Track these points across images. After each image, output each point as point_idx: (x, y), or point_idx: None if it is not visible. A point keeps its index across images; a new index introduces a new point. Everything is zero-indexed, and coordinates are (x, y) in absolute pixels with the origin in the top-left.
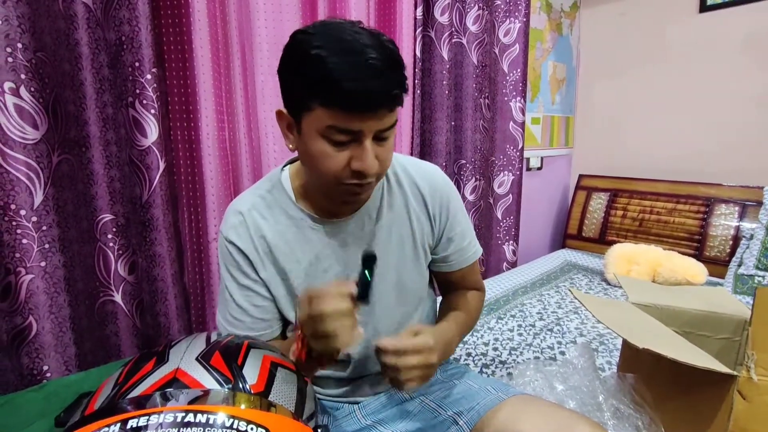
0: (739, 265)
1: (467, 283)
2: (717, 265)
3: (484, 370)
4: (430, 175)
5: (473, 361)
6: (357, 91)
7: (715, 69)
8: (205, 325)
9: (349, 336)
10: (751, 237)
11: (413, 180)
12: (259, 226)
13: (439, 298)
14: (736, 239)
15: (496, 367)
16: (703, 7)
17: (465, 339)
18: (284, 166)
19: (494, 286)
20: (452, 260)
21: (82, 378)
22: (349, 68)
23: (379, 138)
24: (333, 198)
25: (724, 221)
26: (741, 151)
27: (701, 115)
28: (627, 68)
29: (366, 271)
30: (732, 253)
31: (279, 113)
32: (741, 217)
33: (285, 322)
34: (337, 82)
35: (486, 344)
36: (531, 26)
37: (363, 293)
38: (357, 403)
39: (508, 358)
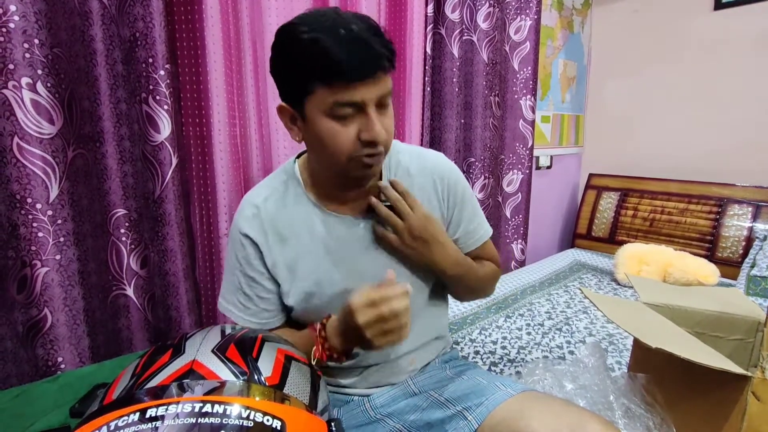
0: (752, 267)
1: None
2: (729, 266)
3: (493, 368)
4: (436, 161)
5: (481, 359)
6: (352, 60)
7: (728, 67)
8: (216, 320)
9: (408, 328)
10: (765, 238)
11: (421, 166)
12: (273, 217)
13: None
14: (749, 240)
15: (505, 366)
16: (718, 5)
17: (473, 337)
18: (296, 157)
19: (502, 285)
20: (463, 242)
21: (95, 370)
22: (339, 42)
23: (381, 105)
24: (345, 176)
25: (737, 222)
26: (755, 151)
27: (714, 115)
28: (639, 66)
29: None
30: (745, 255)
31: (280, 108)
32: (754, 218)
33: (287, 312)
34: (332, 56)
35: (494, 342)
36: (542, 24)
37: None
38: (367, 395)
39: (516, 357)
